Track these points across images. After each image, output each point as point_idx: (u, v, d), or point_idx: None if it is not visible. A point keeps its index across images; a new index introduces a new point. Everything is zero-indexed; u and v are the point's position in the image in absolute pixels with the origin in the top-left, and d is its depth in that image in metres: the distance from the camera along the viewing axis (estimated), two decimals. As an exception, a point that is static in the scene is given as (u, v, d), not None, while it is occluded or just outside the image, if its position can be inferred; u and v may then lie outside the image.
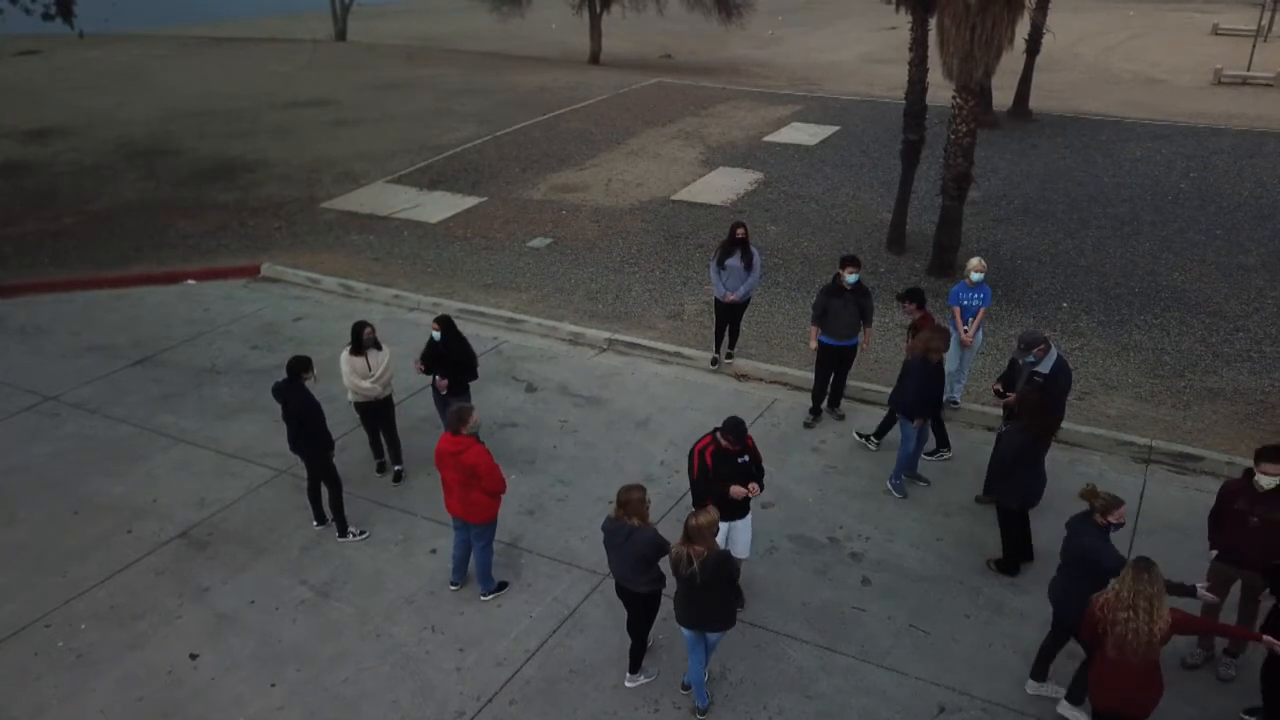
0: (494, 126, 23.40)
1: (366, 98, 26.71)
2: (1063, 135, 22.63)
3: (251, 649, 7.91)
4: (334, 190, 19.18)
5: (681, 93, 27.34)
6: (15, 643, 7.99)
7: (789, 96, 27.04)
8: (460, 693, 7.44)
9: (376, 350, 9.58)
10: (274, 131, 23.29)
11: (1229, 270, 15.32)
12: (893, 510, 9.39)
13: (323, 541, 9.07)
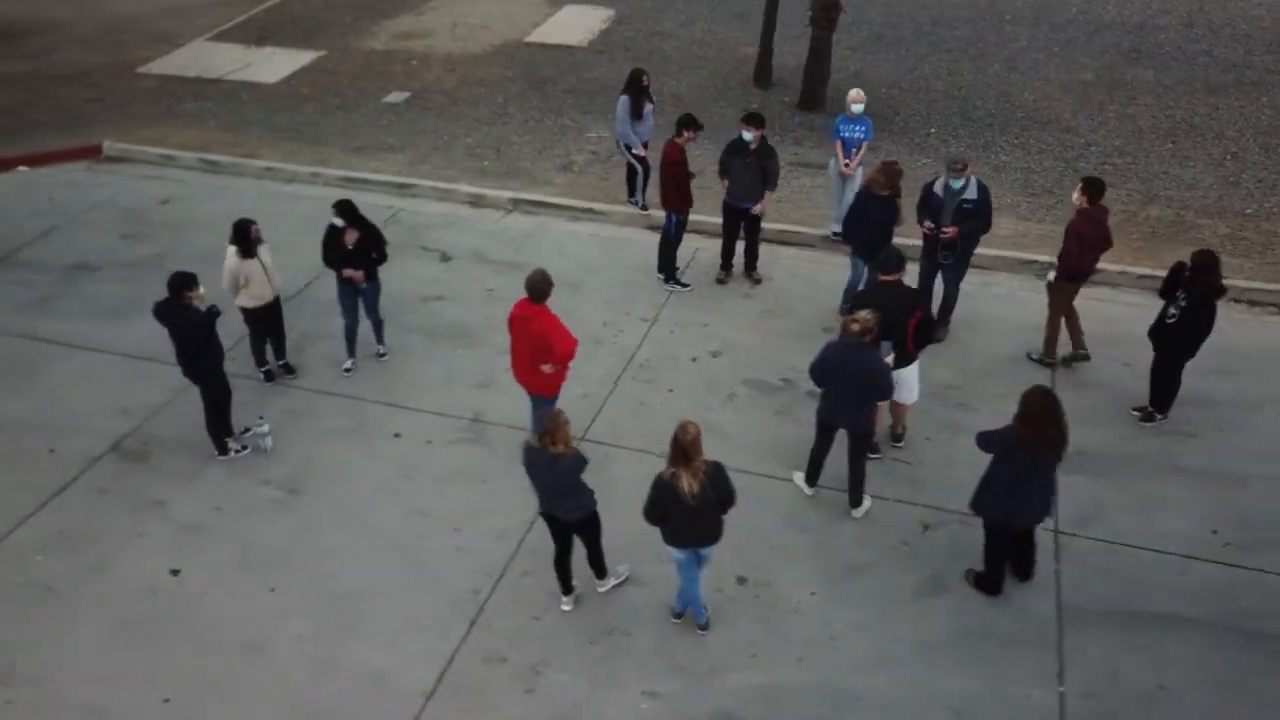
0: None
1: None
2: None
3: (236, 556, 7.65)
4: (147, 53, 17.32)
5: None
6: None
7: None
8: (468, 570, 7.49)
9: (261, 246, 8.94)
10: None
11: (1070, 87, 16.18)
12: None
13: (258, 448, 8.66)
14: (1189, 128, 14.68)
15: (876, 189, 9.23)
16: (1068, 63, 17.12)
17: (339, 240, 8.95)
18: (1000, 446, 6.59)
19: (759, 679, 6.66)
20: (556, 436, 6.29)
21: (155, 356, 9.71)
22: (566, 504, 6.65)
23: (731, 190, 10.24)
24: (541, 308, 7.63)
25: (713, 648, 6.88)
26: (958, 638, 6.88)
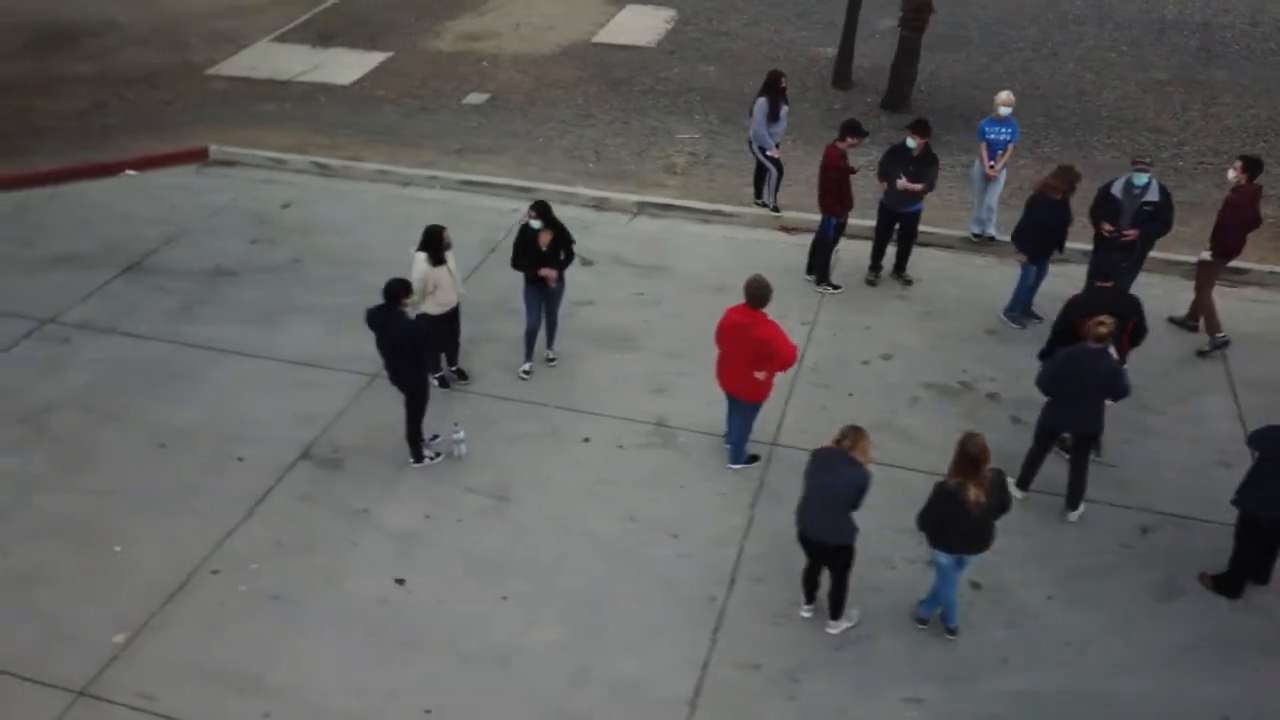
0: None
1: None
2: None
3: (458, 564, 7.61)
4: (213, 55, 17.18)
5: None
6: (190, 593, 7.37)
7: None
8: (698, 577, 7.49)
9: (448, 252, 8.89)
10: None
11: (1148, 86, 16.32)
12: (1005, 350, 9.85)
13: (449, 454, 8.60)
14: (1277, 126, 14.84)
15: (1052, 193, 9.29)
16: (1139, 62, 17.25)
17: (533, 241, 8.90)
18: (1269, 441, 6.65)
19: (1017, 684, 6.70)
20: (856, 446, 6.26)
21: (316, 362, 9.68)
22: (830, 522, 6.55)
23: (890, 194, 10.26)
24: (761, 314, 7.65)
25: (964, 653, 6.91)
26: (1207, 641, 6.95)
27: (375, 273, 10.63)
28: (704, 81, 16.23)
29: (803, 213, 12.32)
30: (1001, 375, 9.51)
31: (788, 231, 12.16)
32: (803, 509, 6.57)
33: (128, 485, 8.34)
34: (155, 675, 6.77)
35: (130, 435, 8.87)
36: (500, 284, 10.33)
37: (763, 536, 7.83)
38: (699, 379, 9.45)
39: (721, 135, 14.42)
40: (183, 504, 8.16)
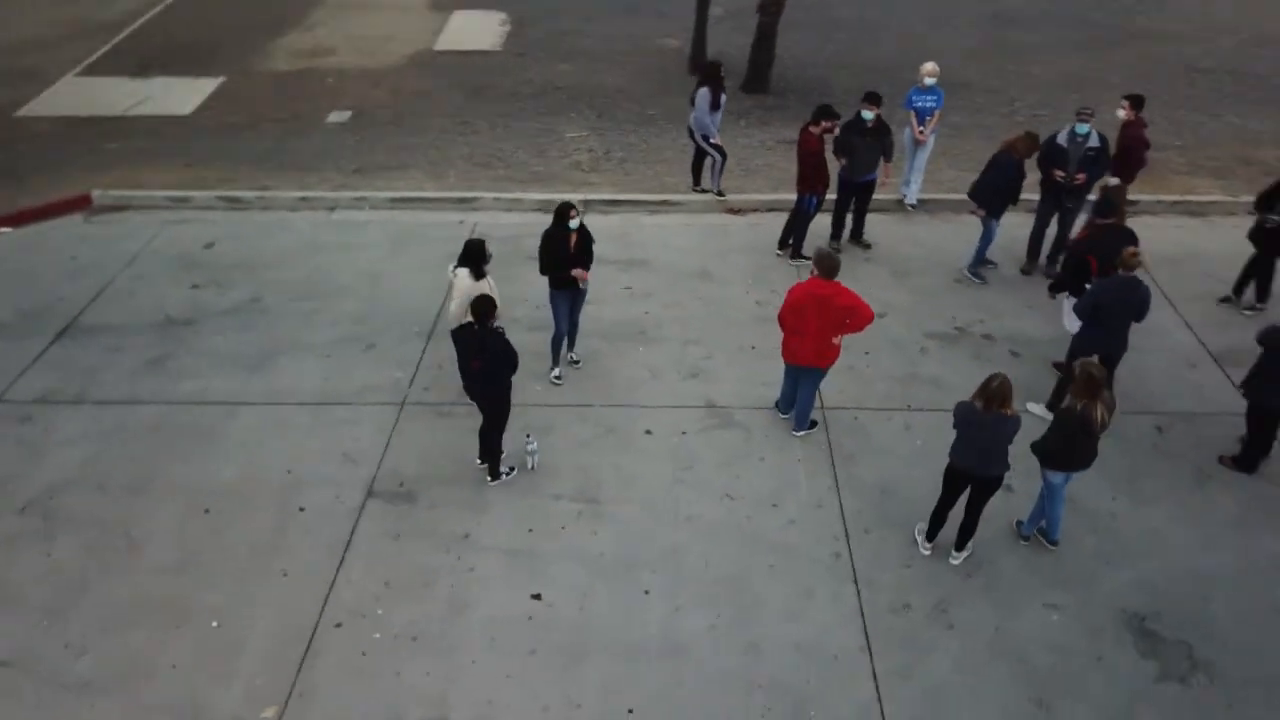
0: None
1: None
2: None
3: (582, 569, 7.63)
4: (16, 95, 15.82)
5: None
6: (323, 652, 7.02)
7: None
8: (814, 539, 7.90)
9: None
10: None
11: (965, 55, 17.97)
12: (980, 296, 10.83)
13: (522, 467, 8.56)
14: (1082, 79, 16.84)
15: (1015, 154, 10.28)
16: (952, 33, 19.02)
17: (563, 244, 8.94)
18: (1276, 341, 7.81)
19: (1128, 576, 7.57)
20: (1007, 401, 6.85)
21: (334, 400, 9.35)
22: (995, 462, 7.16)
23: (852, 166, 10.98)
24: (838, 283, 8.12)
25: (1071, 560, 7.71)
26: (1250, 511, 8.10)
27: (350, 301, 10.41)
28: (565, 80, 16.51)
29: (742, 195, 12.92)
30: (987, 318, 10.46)
31: (736, 213, 12.67)
32: (967, 451, 7.10)
33: (190, 557, 7.76)
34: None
35: (167, 505, 8.22)
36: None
37: (854, 492, 8.33)
38: (724, 360, 9.85)
39: (606, 131, 14.74)
40: (262, 565, 7.68)
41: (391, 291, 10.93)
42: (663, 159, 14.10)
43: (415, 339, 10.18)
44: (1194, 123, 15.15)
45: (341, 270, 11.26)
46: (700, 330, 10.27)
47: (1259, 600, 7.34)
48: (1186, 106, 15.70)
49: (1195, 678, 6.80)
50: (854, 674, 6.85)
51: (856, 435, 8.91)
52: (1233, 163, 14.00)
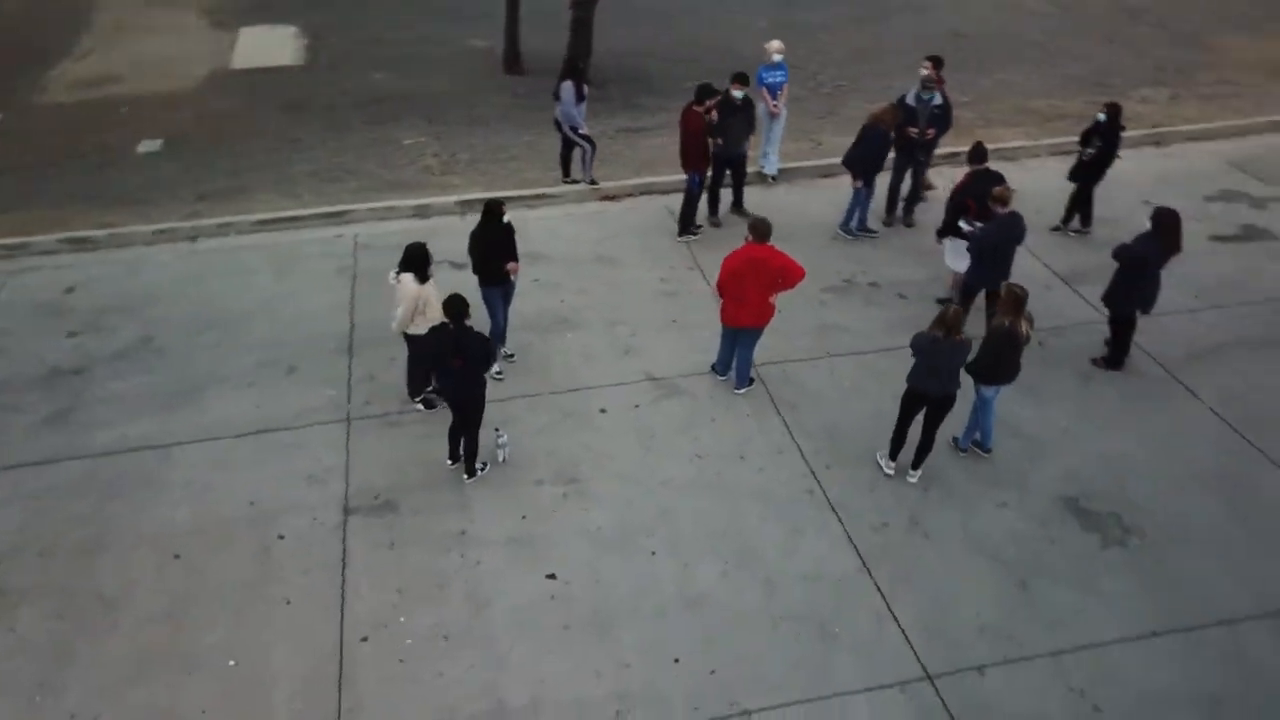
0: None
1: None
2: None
3: (585, 544, 7.92)
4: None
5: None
6: (359, 669, 7.00)
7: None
8: (785, 481, 8.56)
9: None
10: None
11: (766, 34, 19.29)
12: (856, 251, 11.82)
13: (491, 458, 8.71)
14: (868, 51, 18.48)
15: (884, 125, 11.33)
16: (745, 16, 20.26)
17: (493, 240, 9.12)
18: (1136, 254, 9.18)
19: (1057, 469, 8.68)
20: (958, 328, 7.73)
21: (273, 426, 9.19)
22: (950, 382, 8.03)
23: (726, 143, 11.73)
24: (771, 246, 8.80)
25: (1005, 462, 8.76)
26: (1127, 399, 9.49)
27: (253, 328, 10.27)
28: (383, 89, 16.44)
29: (614, 181, 13.41)
30: (867, 269, 11.49)
31: (611, 200, 13.15)
32: (927, 376, 7.95)
33: (176, 603, 7.46)
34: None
35: (131, 557, 7.85)
36: (390, 302, 10.21)
37: (806, 434, 9.06)
38: (650, 336, 10.38)
39: (442, 135, 14.78)
40: (259, 597, 7.52)
41: (294, 313, 10.67)
42: (512, 157, 14.34)
43: (336, 356, 10.03)
44: (971, 82, 16.91)
45: (232, 299, 10.87)
46: (617, 311, 10.69)
47: (1160, 468, 8.65)
48: (961, 68, 17.50)
49: (1131, 540, 7.97)
50: (860, 590, 7.55)
51: (791, 385, 9.64)
52: (1014, 114, 15.83)
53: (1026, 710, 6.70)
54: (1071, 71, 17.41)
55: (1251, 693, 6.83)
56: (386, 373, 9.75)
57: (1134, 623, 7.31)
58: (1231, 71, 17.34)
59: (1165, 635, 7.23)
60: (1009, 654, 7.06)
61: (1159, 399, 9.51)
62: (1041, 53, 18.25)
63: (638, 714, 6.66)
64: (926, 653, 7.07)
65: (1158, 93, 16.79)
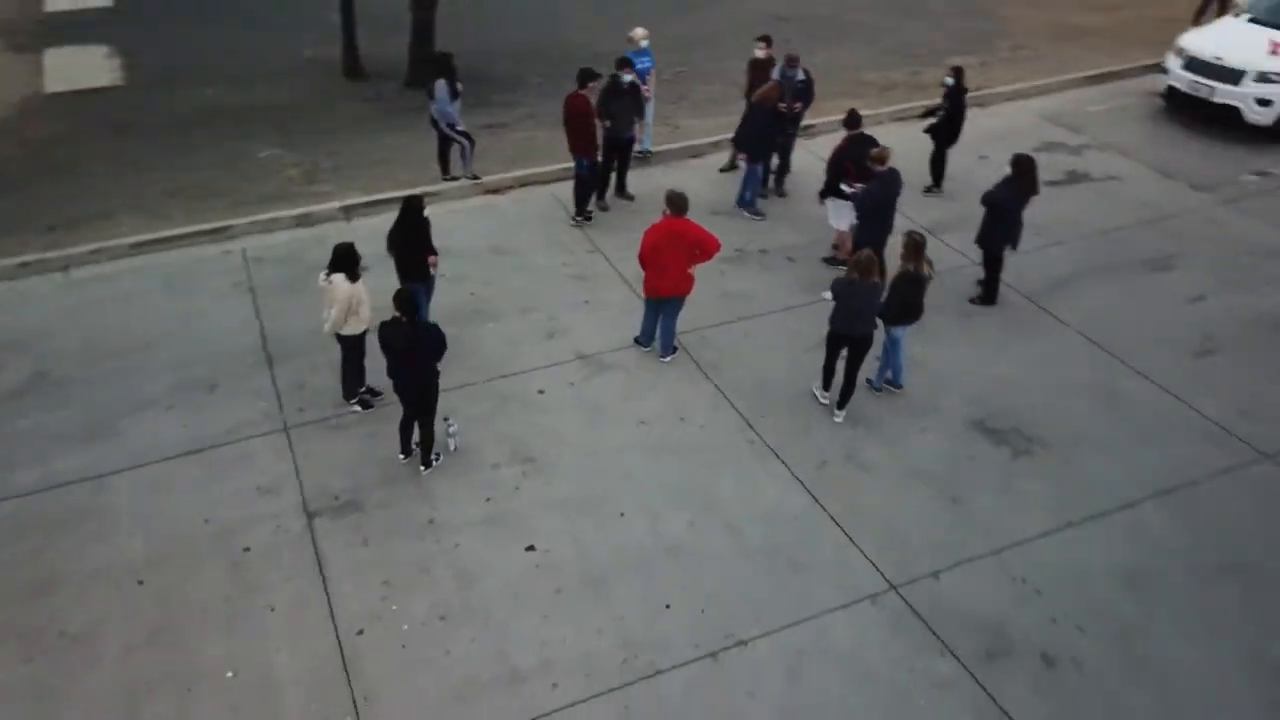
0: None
1: None
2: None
3: (557, 516, 8.23)
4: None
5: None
6: (364, 659, 7.12)
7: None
8: (727, 435, 9.16)
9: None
10: None
11: (607, 24, 19.93)
12: (738, 225, 12.44)
13: (443, 448, 8.90)
14: (697, 37, 19.25)
15: (770, 104, 12.07)
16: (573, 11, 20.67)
17: (413, 235, 9.29)
18: (1000, 196, 10.30)
19: (963, 394, 9.63)
20: (873, 271, 8.49)
21: (209, 444, 9.08)
22: (868, 322, 8.82)
23: (615, 126, 12.23)
24: (686, 219, 9.37)
25: (916, 394, 9.66)
26: (1009, 328, 10.62)
27: (159, 351, 10.15)
28: (218, 104, 15.87)
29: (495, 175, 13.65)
30: (755, 239, 12.21)
31: (496, 193, 13.40)
32: (848, 319, 8.69)
33: (155, 628, 7.34)
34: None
35: (88, 592, 7.63)
36: (299, 311, 10.44)
37: (735, 391, 9.69)
38: (567, 318, 10.79)
39: (297, 146, 14.49)
40: (242, 609, 7.50)
41: (199, 332, 10.44)
42: (377, 161, 14.31)
43: (256, 369, 9.92)
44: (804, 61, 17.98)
45: (127, 324, 10.52)
46: (529, 299, 11.00)
47: (1045, 385, 9.77)
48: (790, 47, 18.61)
49: (1035, 449, 9.02)
50: (816, 522, 8.24)
51: (711, 349, 10.25)
52: (853, 86, 16.98)
53: (981, 602, 7.54)
54: (887, 45, 18.79)
55: (1157, 559, 7.92)
56: (314, 378, 9.71)
57: (1052, 516, 8.29)
58: (1023, 38, 19.15)
59: (1080, 523, 8.24)
60: (956, 558, 7.89)
61: (1031, 326, 10.66)
62: (858, 30, 19.55)
63: (644, 658, 7.07)
64: (886, 567, 7.81)
65: (967, 60, 18.29)
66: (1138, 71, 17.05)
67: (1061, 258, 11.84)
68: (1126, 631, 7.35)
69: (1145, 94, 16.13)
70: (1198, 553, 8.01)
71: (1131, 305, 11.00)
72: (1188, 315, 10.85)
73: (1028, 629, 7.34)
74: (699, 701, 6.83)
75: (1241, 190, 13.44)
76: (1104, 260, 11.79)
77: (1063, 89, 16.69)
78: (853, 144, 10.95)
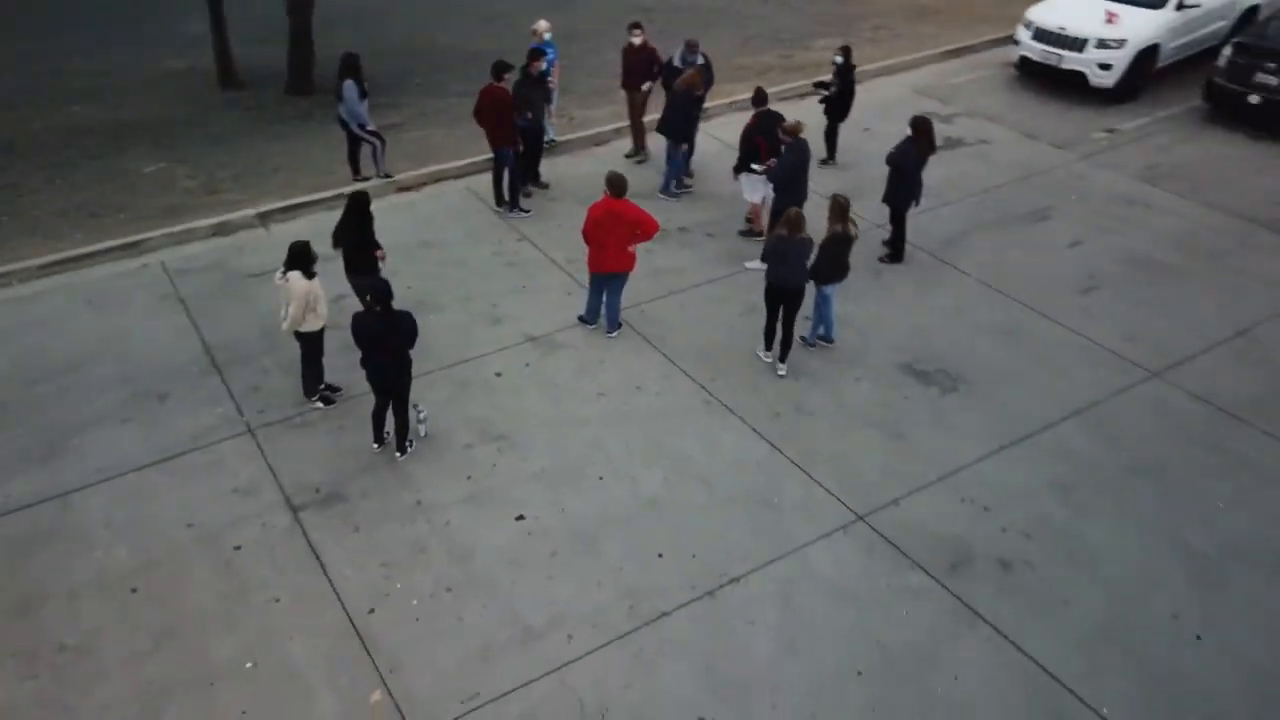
0: None
1: None
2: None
3: (540, 486, 8.61)
4: None
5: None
6: (381, 634, 7.37)
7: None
8: (682, 399, 9.69)
9: None
10: None
11: (487, 22, 20.25)
12: (664, 205, 13.00)
13: (416, 437, 9.12)
14: (574, 30, 19.80)
15: (694, 90, 12.64)
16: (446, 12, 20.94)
17: (360, 229, 9.49)
18: (903, 156, 11.22)
19: (889, 343, 10.45)
20: (802, 227, 9.18)
21: (176, 452, 9.10)
22: (800, 275, 9.49)
23: (535, 117, 12.62)
24: (625, 200, 9.88)
25: (847, 345, 10.41)
26: (916, 283, 11.55)
27: (96, 369, 10.10)
28: (87, 121, 15.39)
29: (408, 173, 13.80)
30: (673, 218, 12.64)
31: (410, 190, 13.57)
32: (784, 273, 9.43)
33: (159, 632, 7.37)
34: (443, 691, 6.98)
35: (80, 605, 7.60)
36: (237, 317, 10.66)
37: (683, 357, 10.25)
38: (509, 304, 11.15)
39: (186, 159, 14.26)
40: (247, 603, 7.62)
41: (135, 345, 10.32)
42: (276, 168, 14.25)
43: (205, 376, 9.91)
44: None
45: (55, 345, 10.29)
46: (467, 288, 11.29)
47: (957, 329, 10.72)
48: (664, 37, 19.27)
49: (960, 385, 9.93)
50: (780, 467, 8.89)
51: (652, 323, 10.80)
52: (733, 71, 17.61)
53: (939, 521, 8.35)
54: (755, 31, 19.70)
55: (1080, 470, 8.91)
56: (268, 381, 9.77)
57: (986, 443, 9.19)
58: (881, 19, 20.42)
59: (1010, 446, 9.17)
60: (910, 486, 8.68)
61: (937, 279, 11.63)
62: (723, 18, 20.37)
63: (647, 604, 7.56)
64: (850, 500, 8.53)
65: (832, 42, 19.40)
66: (989, 44, 18.49)
67: (952, 216, 12.87)
68: (1065, 533, 8.26)
69: (1000, 65, 17.51)
70: (1112, 460, 9.02)
71: (1020, 254, 12.10)
72: (1069, 258, 12.02)
73: (982, 540, 8.17)
74: (705, 635, 7.35)
75: (1095, 146, 14.85)
76: (989, 216, 12.90)
77: (926, 64, 17.94)
78: (762, 120, 11.65)
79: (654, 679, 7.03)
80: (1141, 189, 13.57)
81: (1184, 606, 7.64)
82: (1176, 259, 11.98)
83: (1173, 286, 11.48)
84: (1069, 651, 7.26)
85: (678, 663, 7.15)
